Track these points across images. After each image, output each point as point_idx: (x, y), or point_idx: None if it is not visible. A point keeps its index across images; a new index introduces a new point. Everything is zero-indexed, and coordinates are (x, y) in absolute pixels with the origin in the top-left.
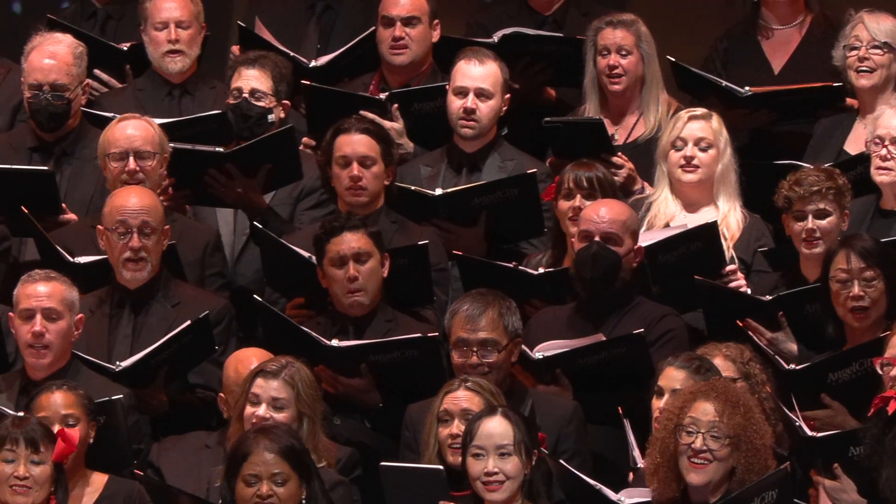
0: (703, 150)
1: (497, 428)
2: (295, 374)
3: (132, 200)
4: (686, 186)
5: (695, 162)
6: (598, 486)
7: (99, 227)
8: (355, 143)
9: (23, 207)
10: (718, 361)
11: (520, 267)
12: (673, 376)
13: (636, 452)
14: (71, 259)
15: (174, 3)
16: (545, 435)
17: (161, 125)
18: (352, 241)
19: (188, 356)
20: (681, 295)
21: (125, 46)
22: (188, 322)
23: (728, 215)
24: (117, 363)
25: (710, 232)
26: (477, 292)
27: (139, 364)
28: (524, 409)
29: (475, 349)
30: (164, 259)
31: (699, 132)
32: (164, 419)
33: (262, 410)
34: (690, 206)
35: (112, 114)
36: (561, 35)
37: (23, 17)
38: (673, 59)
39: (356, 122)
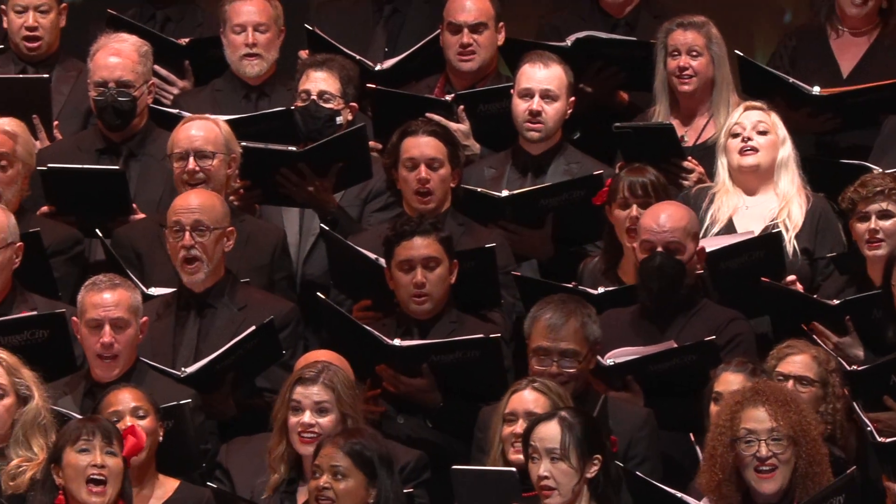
0: (761, 133)
1: (549, 432)
2: (333, 376)
3: (189, 199)
4: (746, 173)
5: (752, 144)
6: (681, 495)
7: (165, 229)
8: (422, 145)
9: (98, 232)
10: (804, 358)
11: (579, 287)
12: (731, 381)
13: None
14: (145, 289)
15: (253, 7)
16: (616, 438)
17: (226, 122)
18: (422, 246)
19: (255, 361)
20: (740, 302)
21: (184, 42)
22: (253, 327)
23: (790, 202)
24: (182, 369)
25: (773, 242)
26: (559, 299)
27: (204, 369)
28: (594, 409)
29: (556, 359)
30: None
31: (757, 117)
32: (231, 423)
33: (306, 417)
34: (751, 192)
35: (178, 111)
36: (634, 39)
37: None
38: (741, 54)
39: (423, 125)
